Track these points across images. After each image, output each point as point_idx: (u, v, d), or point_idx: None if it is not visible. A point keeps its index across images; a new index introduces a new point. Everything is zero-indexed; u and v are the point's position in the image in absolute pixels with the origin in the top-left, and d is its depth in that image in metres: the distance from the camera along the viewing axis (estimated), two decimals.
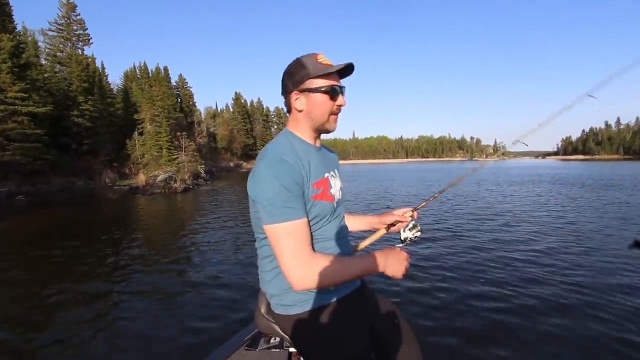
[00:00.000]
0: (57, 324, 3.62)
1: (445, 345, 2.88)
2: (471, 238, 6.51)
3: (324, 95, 0.95)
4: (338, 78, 0.99)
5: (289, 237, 0.87)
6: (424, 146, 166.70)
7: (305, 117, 0.99)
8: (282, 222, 0.86)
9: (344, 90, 1.00)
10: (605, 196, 12.66)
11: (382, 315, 1.12)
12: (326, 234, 0.99)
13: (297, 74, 0.96)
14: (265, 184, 0.87)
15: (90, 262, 5.88)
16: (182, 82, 52.02)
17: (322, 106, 0.96)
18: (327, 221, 0.99)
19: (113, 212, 13.21)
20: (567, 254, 5.31)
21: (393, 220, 1.24)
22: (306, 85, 0.95)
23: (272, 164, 0.88)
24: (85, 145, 25.92)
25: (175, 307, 3.91)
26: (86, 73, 27.35)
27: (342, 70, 0.97)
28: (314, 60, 0.95)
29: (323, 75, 0.94)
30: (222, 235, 7.67)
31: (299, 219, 0.88)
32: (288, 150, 0.94)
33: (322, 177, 0.98)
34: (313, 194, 0.93)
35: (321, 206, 0.95)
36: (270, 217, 0.87)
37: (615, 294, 3.74)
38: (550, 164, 66.90)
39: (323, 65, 0.94)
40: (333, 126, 1.01)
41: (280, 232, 0.87)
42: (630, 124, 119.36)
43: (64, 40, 30.49)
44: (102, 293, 4.47)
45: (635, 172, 28.04)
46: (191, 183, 22.93)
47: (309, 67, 0.94)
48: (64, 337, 3.31)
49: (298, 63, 0.96)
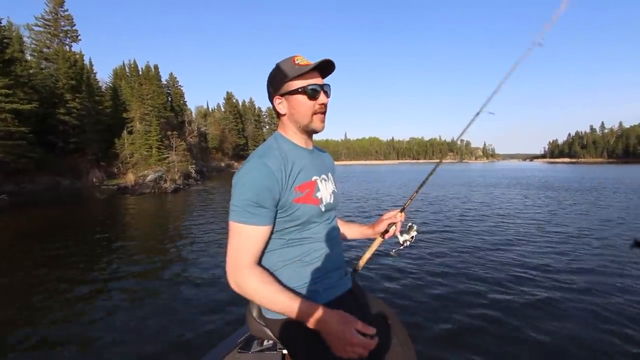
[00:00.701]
0: (39, 327, 3.53)
1: (439, 344, 2.92)
2: (461, 239, 6.60)
3: (303, 95, 0.95)
4: (319, 76, 0.98)
5: (238, 237, 0.89)
6: (415, 148, 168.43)
7: (289, 120, 0.99)
8: (239, 222, 0.88)
9: (326, 88, 0.99)
10: (589, 199, 12.99)
11: (375, 315, 1.11)
12: (314, 236, 0.98)
13: (276, 79, 0.97)
14: (239, 184, 0.89)
15: (76, 263, 5.76)
16: (172, 80, 51.42)
17: (302, 107, 0.96)
18: (314, 224, 0.98)
19: (101, 212, 12.94)
20: (551, 252, 5.44)
21: (385, 227, 1.24)
22: (285, 89, 0.96)
23: (252, 166, 0.90)
24: (72, 143, 25.34)
25: (166, 311, 3.85)
26: (74, 70, 26.77)
27: (324, 68, 0.97)
28: (290, 62, 0.95)
29: (300, 76, 0.94)
30: (213, 236, 7.59)
31: (257, 225, 0.89)
32: (274, 154, 0.93)
33: (309, 180, 0.97)
34: (295, 197, 0.92)
35: (304, 210, 0.94)
36: (231, 213, 0.90)
37: (601, 291, 3.85)
38: (537, 166, 68.33)
39: (299, 66, 0.94)
40: (319, 126, 1.00)
41: (232, 230, 0.90)
42: (614, 129, 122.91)
43: (50, 36, 29.76)
44: (88, 296, 4.37)
45: (617, 175, 28.91)
46: (182, 183, 22.66)
47: (286, 70, 0.94)
48: (46, 340, 3.24)
49: (276, 68, 0.97)
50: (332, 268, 1.01)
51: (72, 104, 25.48)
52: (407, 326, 1.16)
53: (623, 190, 15.75)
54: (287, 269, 0.96)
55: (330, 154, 1.22)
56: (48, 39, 29.61)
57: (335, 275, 1.02)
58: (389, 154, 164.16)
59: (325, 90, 0.98)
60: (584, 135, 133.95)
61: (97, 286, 4.68)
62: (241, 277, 0.88)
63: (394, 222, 1.24)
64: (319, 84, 0.97)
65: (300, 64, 0.94)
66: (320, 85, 0.97)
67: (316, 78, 0.97)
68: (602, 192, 15.40)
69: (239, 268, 0.88)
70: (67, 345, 3.16)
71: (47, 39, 29.54)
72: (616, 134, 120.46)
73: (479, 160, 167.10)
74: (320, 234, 1.00)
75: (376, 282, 4.31)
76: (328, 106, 1.01)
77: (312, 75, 0.96)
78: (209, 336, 3.18)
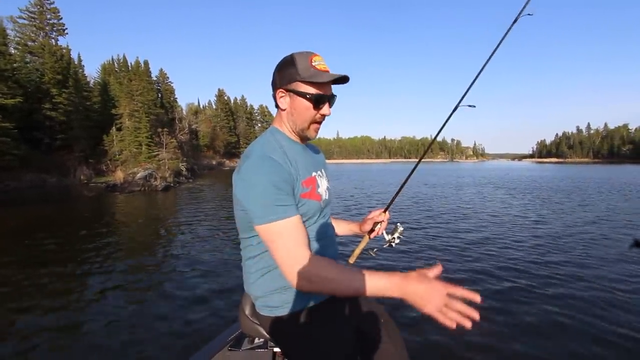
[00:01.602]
0: (23, 331, 3.45)
1: (431, 343, 2.95)
2: (450, 236, 6.68)
3: (309, 102, 0.91)
4: (329, 86, 0.94)
5: (283, 235, 0.83)
6: (406, 147, 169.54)
7: (287, 117, 0.96)
8: (275, 220, 0.83)
9: (333, 99, 0.95)
10: (575, 200, 13.31)
11: (368, 315, 1.12)
12: (312, 233, 0.97)
13: (287, 72, 0.91)
14: (254, 183, 0.83)
15: (64, 262, 5.64)
16: (162, 76, 50.65)
17: (304, 112, 0.92)
18: (314, 221, 0.97)
19: (89, 210, 12.70)
20: (535, 247, 5.56)
21: (370, 226, 1.25)
22: (292, 87, 0.91)
23: (259, 162, 0.85)
24: (58, 140, 24.75)
25: (156, 309, 3.81)
26: (60, 64, 26.12)
27: (337, 81, 0.93)
28: (307, 62, 0.89)
29: (313, 81, 0.89)
30: (204, 235, 7.52)
31: (292, 216, 0.84)
32: (275, 148, 0.91)
33: (310, 175, 0.96)
34: (302, 192, 0.91)
35: (309, 205, 0.93)
36: (262, 216, 0.83)
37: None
38: (526, 166, 69.66)
39: (316, 71, 0.89)
40: (312, 135, 0.97)
41: (274, 231, 0.83)
42: (599, 129, 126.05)
43: (36, 29, 28.93)
44: (77, 294, 4.30)
45: (602, 175, 29.67)
46: (172, 181, 22.36)
47: (300, 69, 0.89)
48: (32, 343, 3.17)
49: (291, 60, 0.91)
50: None
51: (58, 99, 24.87)
52: (399, 325, 1.17)
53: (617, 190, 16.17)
54: None
55: (322, 151, 1.22)
56: (33, 32, 28.77)
57: None
58: (381, 153, 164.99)
59: (331, 103, 0.95)
60: (571, 135, 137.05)
61: (85, 285, 4.60)
62: (313, 269, 0.80)
63: (379, 221, 1.24)
64: (328, 96, 0.93)
65: (318, 68, 0.90)
66: (328, 96, 0.93)
67: (328, 88, 0.93)
68: (586, 191, 15.79)
69: (303, 264, 0.81)
70: (53, 345, 3.10)
71: (32, 32, 28.70)
72: (601, 135, 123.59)
73: (469, 159, 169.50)
74: (319, 231, 0.99)
75: None
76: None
77: (326, 83, 0.91)
78: (199, 334, 3.16)
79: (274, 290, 0.95)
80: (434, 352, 2.83)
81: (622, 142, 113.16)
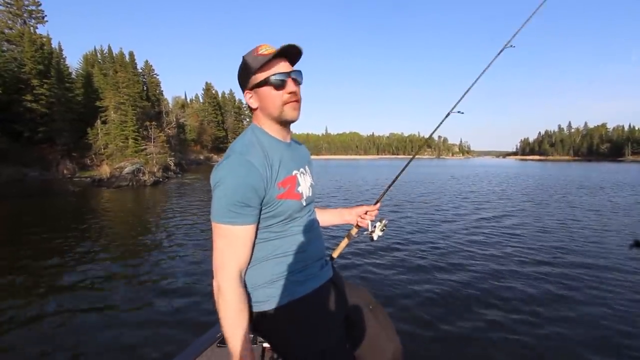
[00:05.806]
0: (8, 331, 3.36)
1: (422, 328, 3.05)
2: (436, 230, 6.84)
3: (269, 87, 0.91)
4: (285, 64, 0.93)
5: (223, 239, 0.87)
6: (394, 144, 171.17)
7: (262, 113, 0.96)
8: (224, 223, 0.86)
9: (295, 75, 0.93)
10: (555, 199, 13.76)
11: (356, 302, 1.13)
12: (296, 230, 0.98)
13: (243, 73, 0.94)
14: (222, 182, 0.85)
15: (46, 259, 5.49)
16: (148, 69, 49.09)
17: (270, 98, 0.92)
18: (295, 219, 0.98)
19: (74, 206, 12.33)
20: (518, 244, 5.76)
21: (357, 219, 1.30)
22: (252, 82, 0.93)
23: (234, 164, 0.86)
24: (40, 132, 23.75)
25: (144, 305, 3.78)
26: (41, 54, 24.99)
27: (291, 54, 0.93)
28: (254, 54, 0.91)
29: (262, 67, 0.90)
30: (193, 230, 7.47)
31: (242, 225, 0.87)
32: (255, 149, 0.91)
33: (290, 174, 0.96)
34: (278, 194, 0.91)
35: (287, 205, 0.93)
36: (215, 214, 0.87)
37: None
38: (510, 163, 71.57)
39: (263, 57, 0.89)
40: (292, 114, 0.95)
41: (218, 232, 0.87)
42: (579, 128, 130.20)
43: (12, 15, 27.57)
44: (61, 292, 4.22)
45: (580, 174, 30.79)
46: (161, 176, 21.93)
47: (250, 63, 0.91)
48: (17, 343, 3.11)
49: (243, 61, 0.94)
50: (313, 259, 1.02)
51: (39, 91, 23.83)
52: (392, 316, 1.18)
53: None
54: (269, 261, 0.95)
55: (310, 148, 1.19)
56: (10, 18, 27.39)
57: (317, 265, 1.03)
58: (369, 149, 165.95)
59: (293, 78, 0.93)
60: (553, 134, 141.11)
61: (69, 282, 4.50)
62: (225, 285, 0.86)
63: (368, 212, 1.28)
64: (285, 72, 0.92)
65: (265, 53, 0.90)
66: (286, 73, 0.92)
67: (281, 66, 0.92)
68: (571, 189, 16.34)
69: (225, 275, 0.86)
70: (38, 343, 3.04)
71: (9, 19, 27.34)
72: (581, 134, 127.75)
73: (455, 156, 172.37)
74: (302, 227, 1.00)
75: (355, 270, 4.45)
76: (303, 94, 0.97)
77: (276, 63, 0.91)
78: (187, 331, 3.15)
79: (258, 285, 0.95)
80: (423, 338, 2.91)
81: (600, 140, 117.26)
